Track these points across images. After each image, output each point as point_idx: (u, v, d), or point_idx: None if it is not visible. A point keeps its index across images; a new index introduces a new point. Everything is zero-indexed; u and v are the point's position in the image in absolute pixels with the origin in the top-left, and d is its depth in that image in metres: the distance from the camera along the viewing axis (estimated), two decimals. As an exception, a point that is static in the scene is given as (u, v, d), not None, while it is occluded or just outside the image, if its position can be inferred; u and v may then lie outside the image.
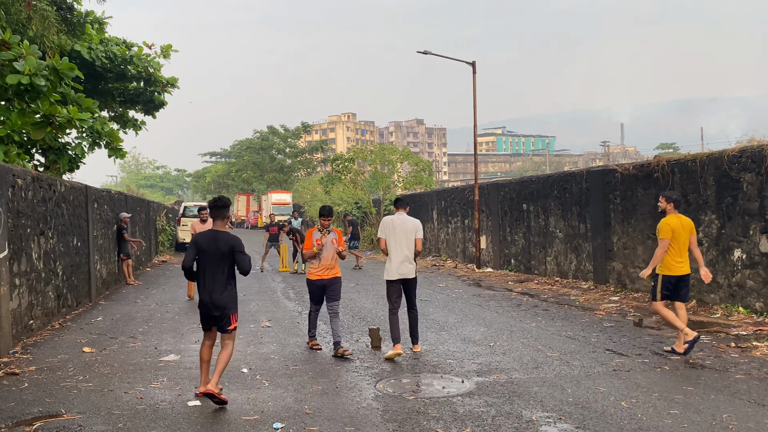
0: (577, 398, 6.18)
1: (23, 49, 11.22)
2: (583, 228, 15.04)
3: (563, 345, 8.66)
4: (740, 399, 6.08)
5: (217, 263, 6.05)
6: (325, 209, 8.70)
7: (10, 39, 11.42)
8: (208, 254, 6.08)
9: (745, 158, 10.48)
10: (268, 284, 16.28)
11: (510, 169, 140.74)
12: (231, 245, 6.07)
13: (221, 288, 6.05)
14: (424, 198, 25.35)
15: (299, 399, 6.22)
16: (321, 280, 8.41)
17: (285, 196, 49.37)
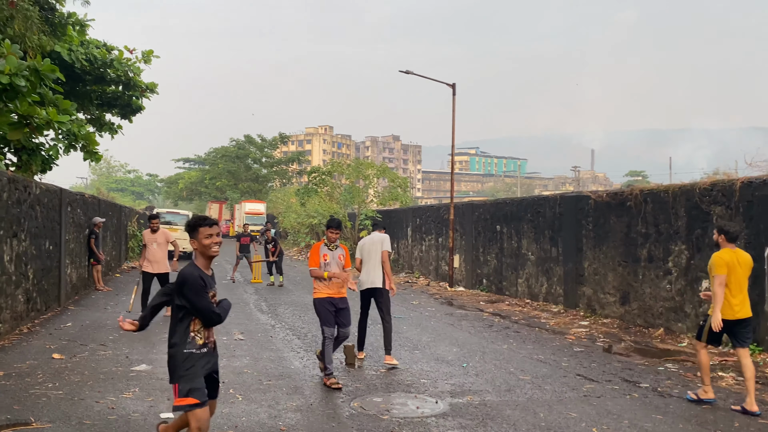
0: (549, 423, 6.27)
1: (5, 48, 11.08)
2: (555, 252, 15.25)
3: (535, 368, 8.76)
4: (707, 429, 6.22)
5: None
6: (334, 221, 7.94)
7: (-13, 39, 11.28)
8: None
9: (715, 191, 10.77)
10: (240, 296, 16.16)
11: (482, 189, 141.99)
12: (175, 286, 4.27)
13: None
14: (399, 215, 25.46)
15: (273, 415, 6.20)
16: (331, 298, 7.65)
17: (259, 206, 49.12)
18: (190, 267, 4.28)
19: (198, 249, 4.39)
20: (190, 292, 4.13)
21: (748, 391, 6.73)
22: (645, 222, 12.27)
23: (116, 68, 19.61)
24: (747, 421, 6.49)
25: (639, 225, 12.42)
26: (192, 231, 4.39)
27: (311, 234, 34.51)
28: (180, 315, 4.24)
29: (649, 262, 12.11)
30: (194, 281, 4.16)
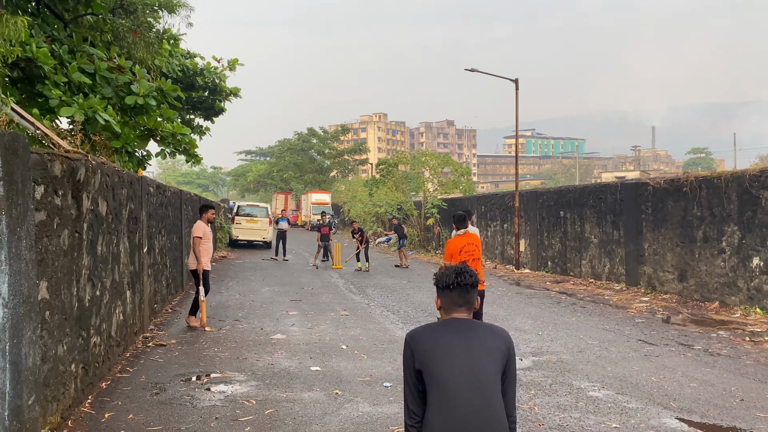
0: (615, 374, 7.81)
1: (137, 72, 13.14)
2: (616, 235, 16.54)
3: (601, 335, 10.26)
4: (747, 378, 7.65)
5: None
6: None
7: (124, 64, 13.36)
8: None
9: (764, 177, 11.94)
10: (328, 280, 18.05)
11: (539, 171, 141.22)
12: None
13: None
14: (464, 203, 26.97)
15: (396, 368, 7.94)
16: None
17: (324, 196, 51.30)
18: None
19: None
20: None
21: None
22: (700, 206, 13.49)
23: (205, 76, 21.76)
24: (782, 372, 7.87)
25: (694, 209, 13.64)
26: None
27: (377, 222, 36.32)
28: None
29: (704, 242, 13.34)
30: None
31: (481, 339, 2.88)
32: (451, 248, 8.35)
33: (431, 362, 2.79)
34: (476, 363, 2.79)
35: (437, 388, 2.74)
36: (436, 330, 2.90)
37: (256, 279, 17.83)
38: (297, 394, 6.76)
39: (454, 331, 2.88)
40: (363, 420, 5.96)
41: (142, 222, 9.42)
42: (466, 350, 2.81)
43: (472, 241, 8.39)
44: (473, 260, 8.30)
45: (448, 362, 2.77)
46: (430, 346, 2.83)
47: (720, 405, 6.57)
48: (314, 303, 13.42)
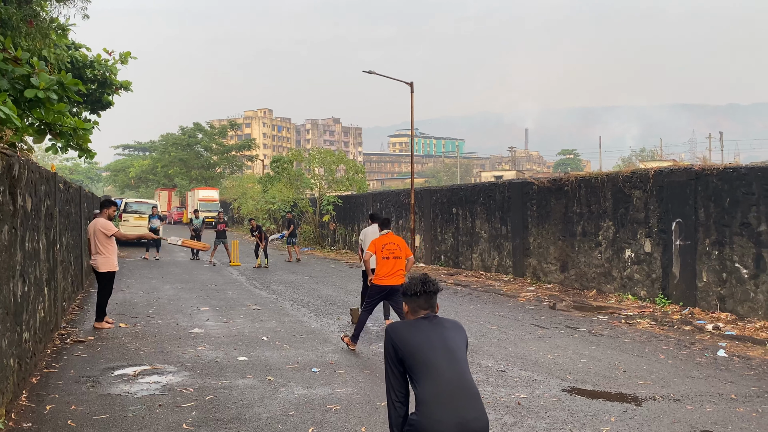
0: (516, 353, 8.73)
1: (34, 64, 12.70)
2: (504, 230, 17.84)
3: (498, 321, 11.26)
4: (627, 353, 8.81)
5: None
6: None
7: (21, 55, 12.86)
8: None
9: (635, 178, 13.46)
10: (230, 277, 18.12)
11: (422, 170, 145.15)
12: None
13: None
14: (359, 200, 27.70)
15: (319, 355, 8.44)
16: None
17: (212, 192, 50.37)
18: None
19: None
20: None
21: None
22: (579, 203, 14.92)
23: (95, 69, 21.04)
24: (654, 346, 9.13)
25: (575, 206, 15.07)
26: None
27: (270, 219, 36.32)
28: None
29: (583, 236, 14.79)
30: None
31: (449, 329, 3.57)
32: (375, 243, 9.09)
33: (416, 350, 3.42)
34: (451, 347, 3.47)
35: (425, 370, 3.37)
36: (413, 325, 3.55)
37: (155, 277, 17.60)
38: (231, 381, 7.10)
39: (427, 325, 3.54)
40: (301, 401, 6.43)
41: (56, 218, 9.30)
42: (441, 338, 3.48)
43: (394, 241, 9.12)
44: (394, 258, 8.95)
45: (430, 348, 3.42)
46: (411, 337, 3.47)
47: (607, 376, 7.60)
48: (222, 299, 13.57)
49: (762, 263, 10.62)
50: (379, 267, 8.91)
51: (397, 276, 8.90)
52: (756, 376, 7.56)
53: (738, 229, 11.07)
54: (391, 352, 3.50)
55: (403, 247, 9.13)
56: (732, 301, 11.14)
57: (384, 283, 8.87)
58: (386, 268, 8.86)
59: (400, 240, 9.25)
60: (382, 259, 8.88)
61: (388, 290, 8.90)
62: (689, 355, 8.70)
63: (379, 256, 8.91)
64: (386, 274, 8.86)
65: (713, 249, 11.54)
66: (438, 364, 3.37)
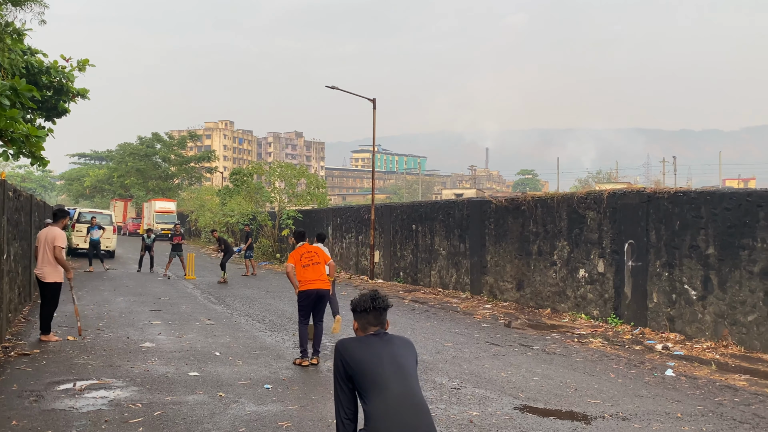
0: (470, 371, 8.77)
1: (-14, 69, 12.37)
2: (463, 247, 17.98)
3: (454, 338, 11.31)
4: (578, 372, 8.93)
5: None
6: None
7: (-28, 59, 12.51)
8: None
9: (590, 200, 13.74)
10: (184, 291, 17.81)
11: (384, 186, 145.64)
12: None
13: None
14: (320, 214, 27.60)
15: (272, 371, 8.33)
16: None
17: (169, 204, 49.53)
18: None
19: None
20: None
21: None
22: (536, 223, 15.15)
23: (51, 75, 20.57)
24: (605, 365, 9.28)
25: (531, 225, 15.29)
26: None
27: (228, 233, 35.91)
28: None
29: (539, 255, 15.00)
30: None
31: (399, 346, 3.59)
32: (293, 255, 9.31)
33: (365, 367, 3.42)
34: (401, 363, 3.49)
35: (374, 386, 3.37)
36: (363, 341, 3.55)
37: (107, 289, 17.19)
38: (181, 397, 6.95)
39: (377, 341, 3.55)
40: (251, 418, 6.33)
41: (3, 227, 9.03)
42: (391, 355, 3.49)
43: (311, 249, 9.36)
44: (313, 264, 9.15)
45: (379, 365, 3.42)
46: (361, 354, 3.47)
47: (559, 394, 7.69)
48: (176, 313, 13.32)
49: (710, 285, 10.93)
50: (301, 275, 9.08)
51: (321, 281, 9.08)
52: (702, 396, 7.74)
53: (687, 252, 11.38)
54: (340, 369, 3.49)
55: (320, 253, 9.35)
56: (681, 322, 11.41)
57: (310, 288, 8.99)
58: (308, 275, 9.04)
59: (317, 248, 9.51)
60: (302, 268, 9.08)
61: (315, 294, 9.02)
62: (639, 374, 8.87)
63: (299, 266, 9.12)
64: (310, 279, 9.02)
65: (664, 270, 11.83)
66: (387, 380, 3.37)
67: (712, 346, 10.49)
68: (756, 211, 10.24)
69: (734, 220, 10.57)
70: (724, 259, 10.72)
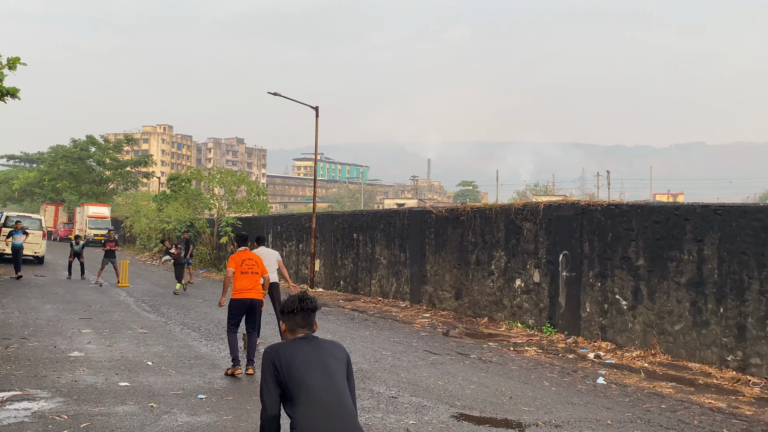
0: (408, 380, 8.80)
1: None
2: (403, 257, 18.07)
3: (393, 347, 11.32)
4: (514, 380, 9.08)
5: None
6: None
7: None
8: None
9: (526, 211, 14.03)
10: (116, 298, 17.26)
11: (326, 195, 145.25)
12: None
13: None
14: (260, 222, 27.24)
15: (207, 381, 8.15)
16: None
17: (103, 209, 47.96)
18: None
19: None
20: None
21: None
22: (474, 233, 15.36)
23: (-24, 73, 19.69)
24: (539, 373, 9.46)
25: (470, 235, 15.50)
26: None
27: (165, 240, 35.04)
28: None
29: (477, 265, 15.21)
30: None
31: (330, 351, 3.56)
32: (234, 259, 9.09)
33: (294, 372, 3.38)
34: (330, 369, 3.46)
35: (302, 392, 3.34)
36: (293, 345, 3.51)
37: (34, 296, 16.50)
38: (110, 408, 6.72)
39: (307, 345, 3.51)
40: (184, 429, 6.17)
41: None
42: (320, 361, 3.46)
43: (252, 257, 9.20)
44: (252, 273, 9.01)
45: (308, 371, 3.39)
46: (290, 358, 3.43)
47: (494, 402, 7.79)
48: (107, 321, 12.89)
49: (639, 295, 11.30)
50: (238, 282, 8.91)
51: (256, 291, 8.97)
52: (631, 403, 7.98)
53: (619, 263, 11.75)
54: (269, 372, 3.44)
55: (260, 263, 9.22)
56: (612, 331, 11.76)
57: (243, 296, 8.85)
58: (245, 283, 8.90)
59: (257, 257, 9.36)
60: (241, 274, 8.93)
61: (248, 304, 8.90)
62: (571, 382, 9.07)
63: (238, 272, 8.97)
64: (245, 288, 8.88)
65: (596, 281, 12.17)
66: (316, 386, 3.35)
67: (642, 355, 10.85)
68: (683, 225, 10.67)
69: (663, 232, 10.99)
70: (653, 270, 11.11)
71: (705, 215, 10.40)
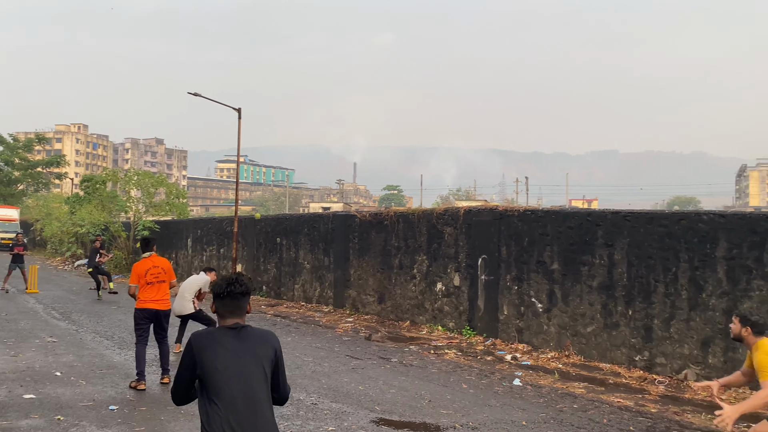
0: (329, 385, 8.77)
1: None
2: (327, 261, 18.01)
3: (315, 353, 11.26)
4: (433, 383, 9.20)
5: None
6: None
7: None
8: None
9: (447, 216, 14.27)
10: (24, 305, 16.41)
11: (250, 198, 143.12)
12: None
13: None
14: (179, 226, 26.51)
15: (119, 392, 7.86)
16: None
17: (11, 212, 45.46)
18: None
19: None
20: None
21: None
22: (398, 237, 15.49)
23: None
24: (458, 376, 9.63)
25: (393, 240, 15.61)
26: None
27: (77, 243, 33.67)
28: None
29: (400, 269, 15.34)
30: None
31: (254, 350, 3.42)
32: (137, 270, 8.50)
33: (212, 369, 3.28)
34: (247, 370, 3.33)
35: (217, 388, 3.25)
36: (217, 339, 3.38)
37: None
38: (13, 422, 6.38)
39: (233, 341, 3.38)
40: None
41: None
42: (239, 360, 3.33)
43: (158, 264, 8.59)
44: (158, 282, 8.46)
45: (225, 369, 3.29)
46: (210, 353, 3.32)
47: (414, 406, 7.87)
48: (13, 330, 12.24)
49: (554, 298, 11.69)
50: (143, 293, 8.36)
51: (163, 301, 8.46)
52: (545, 404, 8.23)
53: (535, 267, 12.11)
54: (187, 363, 3.35)
55: (168, 270, 8.67)
56: (528, 333, 12.10)
57: (148, 306, 8.33)
58: (150, 294, 8.36)
59: (165, 262, 8.76)
60: (146, 285, 8.36)
61: (153, 314, 8.39)
62: (489, 384, 9.28)
63: (142, 283, 8.40)
64: (150, 298, 8.35)
65: (513, 284, 12.50)
66: (230, 384, 3.26)
67: (556, 356, 11.22)
68: (595, 230, 11.12)
69: (576, 237, 11.41)
70: (567, 274, 11.52)
71: (615, 221, 10.87)
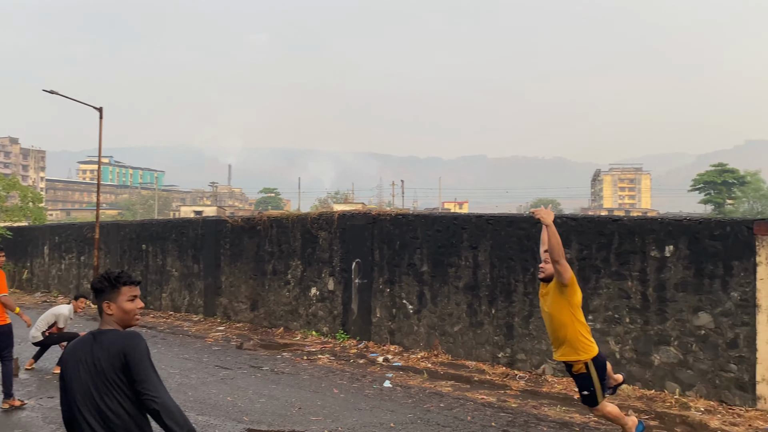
0: (196, 398, 8.47)
1: None
2: (197, 268, 17.42)
3: (182, 364, 10.84)
4: (304, 390, 9.13)
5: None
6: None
7: None
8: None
9: (322, 220, 14.25)
10: None
11: (116, 201, 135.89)
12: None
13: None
14: (34, 232, 24.61)
15: (-43, 418, 7.16)
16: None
17: None
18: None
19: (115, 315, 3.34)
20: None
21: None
22: (271, 243, 15.28)
23: None
24: (330, 381, 9.62)
25: (267, 245, 15.38)
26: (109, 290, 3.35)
27: None
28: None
29: (274, 275, 15.13)
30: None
31: (98, 356, 3.18)
32: None
33: (65, 365, 3.26)
34: (83, 387, 3.17)
35: (64, 385, 3.23)
36: (79, 347, 3.26)
37: None
38: None
39: (86, 346, 3.24)
40: None
41: None
42: (78, 376, 3.19)
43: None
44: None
45: (69, 382, 3.21)
46: (66, 364, 3.25)
47: (283, 414, 7.78)
48: None
49: (424, 300, 12.00)
50: None
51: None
52: (413, 404, 8.41)
53: (406, 269, 12.37)
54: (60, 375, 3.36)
55: (3, 282, 8.14)
56: (400, 334, 12.34)
57: None
58: None
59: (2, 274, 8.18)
60: None
61: None
62: (360, 387, 9.35)
63: None
64: None
65: (386, 287, 12.70)
66: (71, 380, 3.21)
67: (426, 356, 11.51)
68: (461, 233, 11.53)
69: (444, 240, 11.78)
70: (435, 275, 11.86)
71: (479, 225, 11.34)
